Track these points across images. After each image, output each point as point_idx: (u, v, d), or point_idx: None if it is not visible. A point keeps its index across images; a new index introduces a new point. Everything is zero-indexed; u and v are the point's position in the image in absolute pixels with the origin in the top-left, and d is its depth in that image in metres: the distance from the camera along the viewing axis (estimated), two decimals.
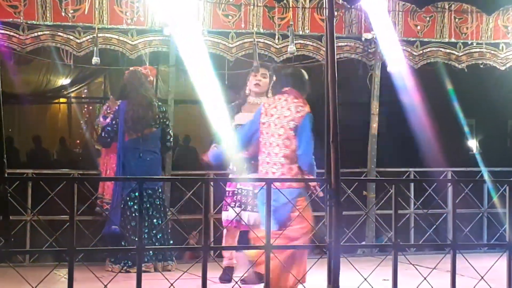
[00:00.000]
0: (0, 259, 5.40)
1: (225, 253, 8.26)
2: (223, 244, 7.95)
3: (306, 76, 7.76)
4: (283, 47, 9.99)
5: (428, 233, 10.48)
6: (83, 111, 18.13)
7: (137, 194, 8.67)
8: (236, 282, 6.41)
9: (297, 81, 7.68)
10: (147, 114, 8.96)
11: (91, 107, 18.18)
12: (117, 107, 9.13)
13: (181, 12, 9.29)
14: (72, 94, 17.00)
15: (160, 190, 9.07)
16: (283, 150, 7.44)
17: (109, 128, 9.07)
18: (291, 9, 9.88)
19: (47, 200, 8.76)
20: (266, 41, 9.98)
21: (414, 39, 10.62)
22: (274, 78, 8.24)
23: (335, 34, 6.05)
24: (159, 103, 9.19)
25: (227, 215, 8.08)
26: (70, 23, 9.31)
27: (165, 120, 9.17)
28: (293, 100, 7.50)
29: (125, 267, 8.72)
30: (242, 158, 7.74)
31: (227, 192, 8.18)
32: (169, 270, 8.79)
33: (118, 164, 9.00)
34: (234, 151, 7.72)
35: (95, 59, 9.25)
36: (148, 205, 8.86)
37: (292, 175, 7.44)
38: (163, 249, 9.13)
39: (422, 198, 10.48)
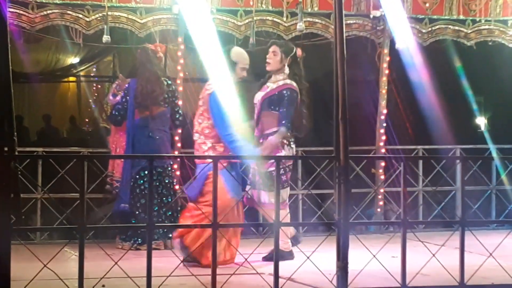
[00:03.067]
0: (11, 237, 5.42)
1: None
2: None
3: (233, 53, 8.01)
4: (291, 25, 9.98)
5: (437, 210, 10.51)
6: (92, 90, 18.14)
7: (146, 172, 8.71)
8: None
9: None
10: (155, 90, 8.98)
11: (100, 86, 18.18)
12: (127, 85, 9.15)
13: None
14: (81, 73, 16.99)
15: (169, 169, 9.10)
16: (196, 127, 7.88)
17: (119, 106, 9.10)
18: None
19: (57, 178, 8.82)
20: (274, 19, 9.97)
21: (423, 16, 10.60)
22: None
23: (343, 12, 6.06)
24: (169, 81, 9.20)
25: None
26: (79, 1, 9.33)
27: (174, 98, 9.20)
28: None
29: (135, 245, 8.77)
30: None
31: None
32: None
33: (127, 142, 9.03)
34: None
35: (106, 37, 9.26)
36: (157, 183, 8.90)
37: (212, 142, 7.83)
38: (173, 227, 9.16)
39: (431, 176, 10.48)
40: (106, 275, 5.83)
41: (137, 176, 8.94)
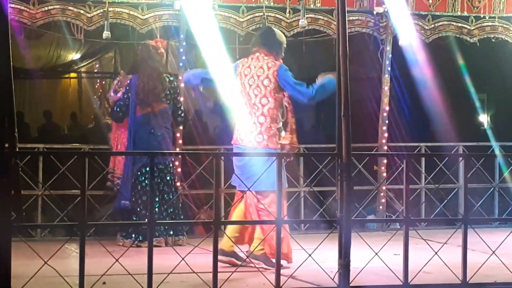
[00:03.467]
0: (12, 234, 5.40)
1: None
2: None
3: (279, 35, 7.83)
4: (294, 21, 9.94)
5: (439, 208, 10.49)
6: (94, 86, 18.12)
7: (147, 169, 8.69)
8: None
9: (266, 40, 7.75)
10: (157, 86, 8.95)
11: (102, 82, 18.16)
12: (128, 81, 9.13)
13: None
14: (83, 69, 16.98)
15: (171, 165, 9.08)
16: (260, 109, 7.53)
17: (121, 103, 9.08)
18: None
19: (58, 175, 8.79)
20: (277, 15, 9.93)
21: (426, 13, 10.56)
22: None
23: (346, 8, 6.03)
24: (170, 78, 9.18)
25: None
26: None
27: (176, 95, 9.18)
28: (263, 58, 7.57)
29: (136, 242, 8.74)
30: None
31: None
32: (180, 245, 8.81)
33: (129, 139, 9.01)
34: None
35: (106, 33, 9.23)
36: (159, 180, 8.88)
37: (269, 135, 7.50)
38: (174, 224, 9.15)
39: (433, 173, 10.46)
40: (107, 272, 5.81)
41: (138, 173, 8.92)
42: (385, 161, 10.61)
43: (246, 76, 7.60)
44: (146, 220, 5.76)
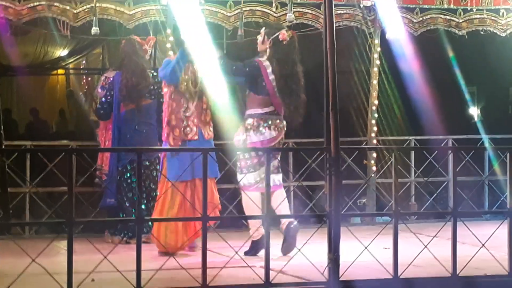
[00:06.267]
0: None
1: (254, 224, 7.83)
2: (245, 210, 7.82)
3: None
4: (281, 15, 9.91)
5: (429, 201, 10.48)
6: (82, 83, 18.06)
7: (133, 166, 8.67)
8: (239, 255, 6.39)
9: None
10: (140, 82, 8.90)
11: (89, 78, 18.08)
12: (111, 79, 9.09)
13: None
14: (70, 65, 16.91)
15: (157, 162, 9.03)
16: None
17: (103, 100, 9.06)
18: None
19: (45, 172, 8.76)
20: (264, 10, 9.90)
21: (414, 5, 10.55)
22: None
23: (333, 2, 6.02)
24: (155, 73, 9.13)
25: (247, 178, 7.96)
26: None
27: (160, 90, 9.13)
28: None
29: (125, 238, 8.71)
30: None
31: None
32: None
33: (113, 136, 8.98)
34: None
35: (95, 29, 9.18)
36: (145, 177, 8.82)
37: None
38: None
39: (423, 166, 10.45)
40: (96, 269, 5.79)
41: (124, 170, 8.89)
42: (374, 154, 10.60)
43: None
44: (133, 216, 5.73)
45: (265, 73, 7.87)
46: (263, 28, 8.19)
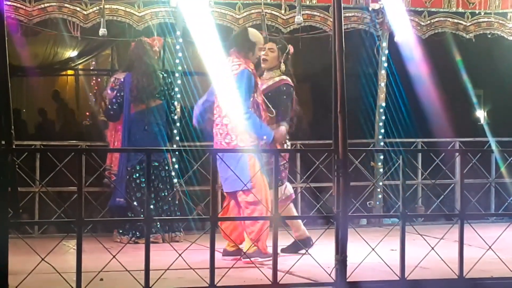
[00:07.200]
0: (9, 230, 5.42)
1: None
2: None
3: (252, 34, 7.81)
4: (290, 17, 9.94)
5: (436, 203, 10.50)
6: (91, 83, 18.10)
7: (142, 166, 8.72)
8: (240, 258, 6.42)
9: (237, 41, 7.79)
10: (151, 83, 8.96)
11: (99, 79, 18.14)
12: (121, 80, 9.14)
13: None
14: (80, 66, 16.96)
15: (166, 162, 9.09)
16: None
17: (113, 100, 9.11)
18: None
19: (55, 172, 8.79)
20: (273, 12, 9.93)
21: (422, 9, 10.56)
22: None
23: (342, 5, 6.04)
24: (165, 75, 9.19)
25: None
26: None
27: (170, 91, 9.19)
28: (235, 60, 7.58)
29: (133, 238, 8.75)
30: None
31: None
32: (177, 241, 8.82)
33: (123, 136, 9.03)
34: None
35: (102, 31, 9.23)
36: (153, 177, 8.88)
37: (237, 134, 7.54)
38: (170, 220, 9.16)
39: (430, 169, 10.47)
40: (104, 268, 5.82)
41: (133, 170, 8.93)
42: (381, 157, 10.62)
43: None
44: (143, 216, 5.77)
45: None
46: (272, 44, 8.23)
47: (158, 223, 8.71)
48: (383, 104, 10.68)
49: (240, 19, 9.83)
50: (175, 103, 9.38)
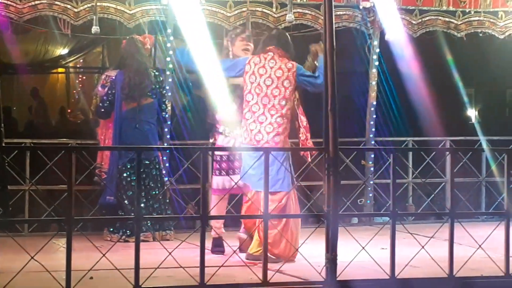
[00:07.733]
0: None
1: (215, 223, 8.01)
2: (211, 209, 7.70)
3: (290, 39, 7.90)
4: (281, 16, 9.92)
5: (427, 202, 10.52)
6: (81, 81, 18.08)
7: (132, 164, 8.70)
8: (234, 251, 6.43)
9: (282, 41, 7.79)
10: (143, 81, 8.95)
11: (84, 77, 18.12)
12: (113, 77, 9.12)
13: None
14: (71, 64, 16.94)
15: (156, 161, 9.07)
16: (280, 110, 7.53)
17: (104, 98, 9.10)
18: None
19: (45, 170, 8.78)
20: (264, 10, 9.91)
21: (413, 7, 10.55)
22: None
23: (333, 3, 6.04)
24: (156, 73, 9.17)
25: (217, 180, 8.06)
26: None
27: (161, 89, 9.18)
28: (279, 59, 7.60)
29: (124, 236, 8.73)
30: (234, 116, 7.74)
31: (216, 157, 8.11)
32: (168, 240, 8.81)
33: (114, 134, 9.01)
34: (228, 112, 7.76)
35: (95, 28, 9.19)
36: (144, 176, 8.86)
37: (285, 135, 7.62)
38: (160, 219, 9.14)
39: (421, 167, 10.48)
40: (94, 267, 5.81)
41: (124, 168, 8.91)
42: (372, 155, 10.62)
43: (262, 76, 7.59)
44: (133, 215, 5.76)
45: None
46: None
47: (148, 221, 8.69)
48: (374, 103, 10.67)
49: (231, 17, 9.80)
50: (166, 101, 9.35)
